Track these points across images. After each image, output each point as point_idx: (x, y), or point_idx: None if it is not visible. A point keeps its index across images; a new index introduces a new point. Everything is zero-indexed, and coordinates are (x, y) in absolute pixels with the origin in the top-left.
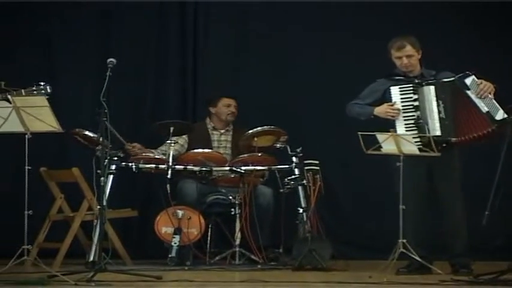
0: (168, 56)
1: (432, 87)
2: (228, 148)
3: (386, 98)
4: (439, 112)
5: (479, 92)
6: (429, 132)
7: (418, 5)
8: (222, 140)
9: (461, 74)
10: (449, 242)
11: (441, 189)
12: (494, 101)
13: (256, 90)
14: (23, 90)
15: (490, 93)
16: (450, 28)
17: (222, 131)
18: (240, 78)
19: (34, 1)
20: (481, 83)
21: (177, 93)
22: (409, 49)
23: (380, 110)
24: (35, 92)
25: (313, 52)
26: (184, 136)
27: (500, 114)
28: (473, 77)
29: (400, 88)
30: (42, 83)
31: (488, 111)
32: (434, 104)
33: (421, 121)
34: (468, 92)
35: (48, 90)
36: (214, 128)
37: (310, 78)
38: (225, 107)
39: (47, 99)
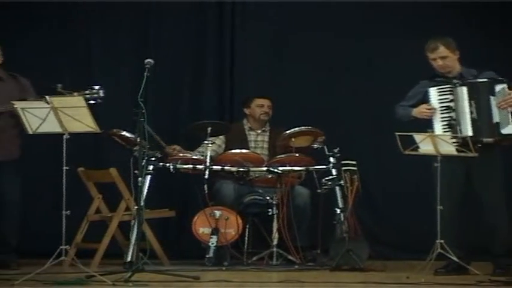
0: (205, 56)
1: (465, 88)
2: (265, 149)
3: (426, 99)
4: (471, 113)
5: (501, 102)
6: (461, 133)
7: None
8: (258, 140)
9: (498, 78)
10: (489, 242)
11: (481, 190)
12: (510, 115)
13: (294, 90)
14: (76, 94)
15: (510, 106)
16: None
17: (259, 131)
18: (278, 78)
19: (73, 1)
20: (509, 94)
21: (214, 94)
22: (442, 50)
23: (416, 111)
24: (87, 95)
25: (350, 52)
26: (221, 137)
27: (508, 129)
28: (505, 85)
29: (437, 89)
30: (96, 87)
31: (497, 122)
32: (467, 104)
33: (453, 122)
34: (491, 97)
35: (101, 94)
36: (251, 129)
37: (347, 78)
38: (258, 107)
39: (100, 102)
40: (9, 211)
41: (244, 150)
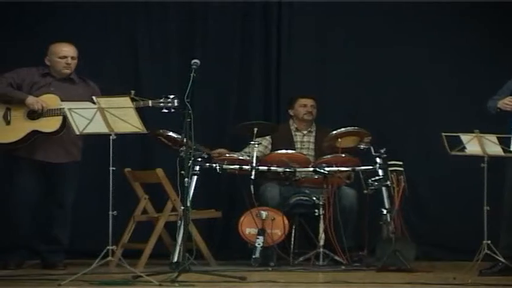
0: (251, 57)
1: None
2: (311, 149)
3: None
4: None
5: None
6: None
7: None
8: (304, 141)
9: None
10: None
11: None
12: None
13: (340, 90)
14: (150, 101)
15: None
16: None
17: (305, 132)
18: (324, 78)
19: (120, 1)
20: None
21: (261, 94)
22: None
23: (501, 102)
24: (161, 104)
25: (397, 52)
26: (268, 137)
27: None
28: None
29: None
30: (171, 96)
31: None
32: None
33: None
34: None
35: (176, 104)
36: (297, 130)
37: (394, 78)
38: (301, 107)
39: (173, 112)
40: (63, 212)
41: (290, 151)
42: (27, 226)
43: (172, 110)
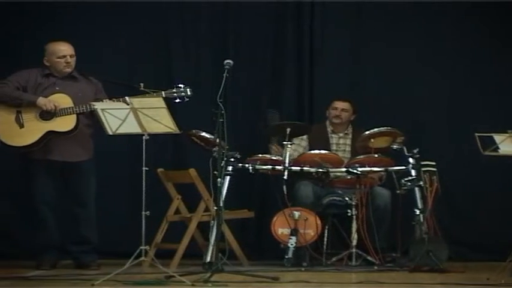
0: (284, 57)
1: None
2: (347, 152)
3: None
4: None
5: None
6: None
7: None
8: (340, 143)
9: None
10: None
11: None
12: None
13: (373, 90)
14: (163, 92)
15: None
16: None
17: (341, 134)
18: (356, 78)
19: (154, 1)
20: None
21: (294, 94)
22: None
23: None
24: (175, 94)
25: (429, 53)
26: (305, 137)
27: None
28: None
29: None
30: (181, 85)
31: None
32: None
33: None
34: None
35: (189, 93)
36: (333, 131)
37: (427, 79)
38: (333, 109)
39: (187, 101)
40: (86, 211)
41: (323, 151)
42: (53, 226)
43: (186, 99)
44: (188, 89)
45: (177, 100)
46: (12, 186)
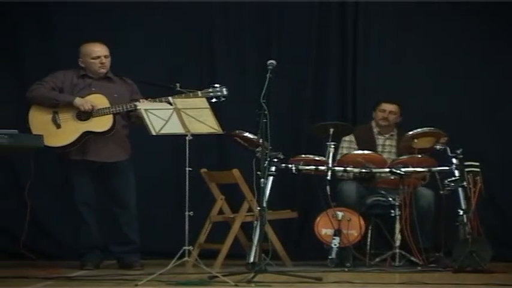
0: (327, 57)
1: None
2: (392, 153)
3: None
4: None
5: None
6: None
7: None
8: (386, 144)
9: None
10: None
11: None
12: None
13: (417, 90)
14: (199, 92)
15: None
16: None
17: (387, 135)
18: (400, 78)
19: (197, 1)
20: None
21: (337, 94)
22: None
23: None
24: (211, 93)
25: (474, 51)
26: (352, 138)
27: None
28: None
29: None
30: (217, 85)
31: None
32: None
33: None
34: None
35: (225, 92)
36: (379, 133)
37: (470, 79)
38: (380, 112)
39: (223, 101)
40: (126, 211)
41: (366, 152)
42: (95, 227)
43: (222, 99)
44: (224, 89)
45: (214, 100)
46: (54, 187)
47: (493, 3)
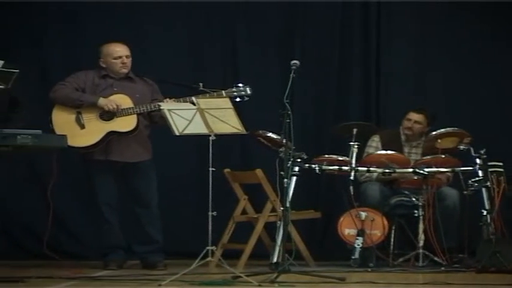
0: (351, 57)
1: None
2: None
3: None
4: None
5: None
6: None
7: None
8: (412, 152)
9: None
10: None
11: None
12: None
13: (440, 90)
14: (223, 92)
15: None
16: None
17: (414, 143)
18: (423, 79)
19: (222, 1)
20: None
21: (360, 94)
22: None
23: None
24: (235, 93)
25: (496, 50)
26: (376, 139)
27: None
28: None
29: None
30: (241, 84)
31: None
32: None
33: None
34: None
35: (248, 92)
36: (406, 140)
37: (494, 79)
38: (406, 120)
39: (246, 100)
40: (148, 211)
41: (390, 152)
42: (117, 227)
43: (246, 98)
44: (248, 88)
45: (238, 99)
46: (77, 187)
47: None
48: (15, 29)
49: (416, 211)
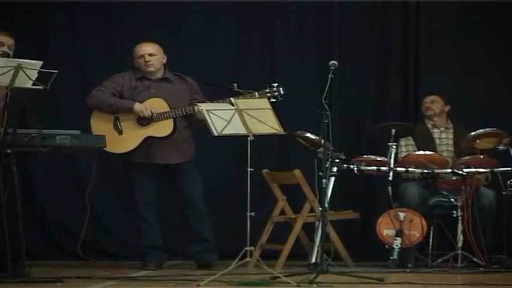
0: (389, 56)
1: None
2: (450, 145)
3: None
4: None
5: None
6: None
7: None
8: (442, 137)
9: None
10: None
11: None
12: None
13: (479, 90)
14: (256, 93)
15: None
16: None
17: (442, 128)
18: (463, 77)
19: (259, 1)
20: None
21: (399, 94)
22: None
23: None
24: (268, 93)
25: None
26: (410, 138)
27: None
28: None
29: None
30: (275, 84)
31: None
32: None
33: None
34: None
35: (282, 92)
36: (434, 126)
37: None
38: (423, 106)
39: (280, 101)
40: (196, 210)
41: (428, 152)
42: (156, 227)
43: (280, 99)
44: (281, 88)
45: (272, 100)
46: (115, 187)
47: None
48: (51, 30)
49: (454, 212)
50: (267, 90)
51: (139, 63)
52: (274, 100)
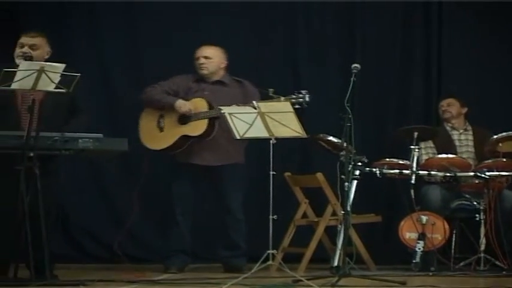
0: (412, 58)
1: None
2: (470, 146)
3: None
4: None
5: None
6: None
7: None
8: (462, 139)
9: None
10: None
11: None
12: None
13: (501, 93)
14: (282, 98)
15: None
16: None
17: (461, 130)
18: (485, 80)
19: (279, 1)
20: None
21: (422, 96)
22: None
23: None
24: (294, 99)
25: None
26: (430, 142)
27: None
28: None
29: None
30: (303, 91)
31: None
32: None
33: None
34: None
35: (307, 99)
36: (452, 128)
37: None
38: (440, 110)
39: (305, 107)
40: (231, 216)
41: (450, 155)
42: (185, 230)
43: (305, 106)
44: (307, 96)
45: (296, 106)
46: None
47: None
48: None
49: (477, 215)
50: (294, 96)
51: (196, 65)
52: (299, 107)
